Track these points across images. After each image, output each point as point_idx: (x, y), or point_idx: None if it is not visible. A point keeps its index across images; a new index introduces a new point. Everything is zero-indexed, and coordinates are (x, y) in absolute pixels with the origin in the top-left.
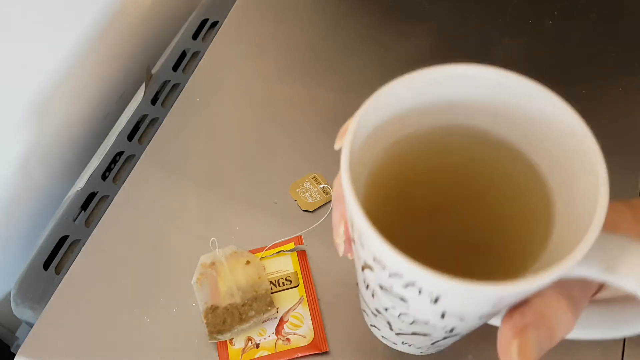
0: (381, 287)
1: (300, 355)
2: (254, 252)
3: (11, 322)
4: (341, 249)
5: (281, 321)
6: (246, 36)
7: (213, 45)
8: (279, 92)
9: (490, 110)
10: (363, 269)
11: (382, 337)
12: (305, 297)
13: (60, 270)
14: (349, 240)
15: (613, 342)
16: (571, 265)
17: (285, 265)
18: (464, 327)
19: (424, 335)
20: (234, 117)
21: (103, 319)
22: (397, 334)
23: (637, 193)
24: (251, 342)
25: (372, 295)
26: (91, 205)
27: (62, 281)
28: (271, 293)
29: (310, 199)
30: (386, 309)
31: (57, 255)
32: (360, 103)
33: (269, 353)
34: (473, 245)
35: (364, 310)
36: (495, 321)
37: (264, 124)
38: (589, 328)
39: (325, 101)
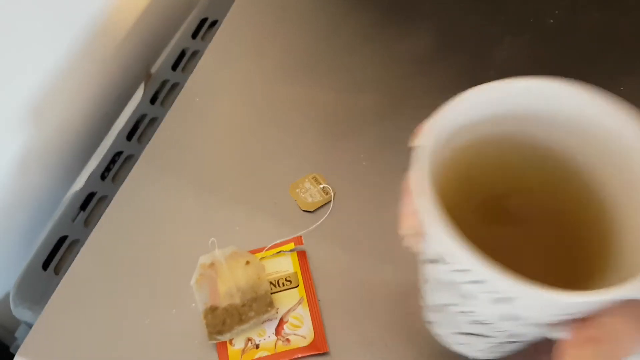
0: (445, 283)
1: (300, 355)
2: (253, 252)
3: (10, 323)
4: (405, 242)
5: (281, 322)
6: (246, 35)
7: (212, 45)
8: (279, 92)
9: (559, 122)
10: (427, 263)
11: (436, 334)
12: (305, 297)
13: (59, 271)
14: (414, 235)
15: None
16: None
17: (285, 265)
18: (528, 334)
19: (484, 336)
20: (233, 116)
21: (102, 319)
22: (452, 333)
23: None
24: (251, 343)
25: (433, 291)
26: (90, 205)
27: (61, 281)
28: (271, 293)
29: (310, 199)
30: (445, 305)
31: (56, 256)
32: (360, 103)
33: (269, 354)
34: (536, 253)
35: (423, 307)
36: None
37: (264, 123)
38: None
39: (325, 101)
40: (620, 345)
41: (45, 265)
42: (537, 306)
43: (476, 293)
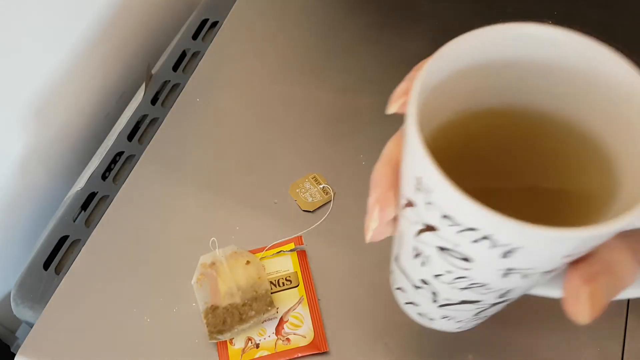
0: (442, 249)
1: (300, 355)
2: (254, 252)
3: (11, 322)
4: (370, 234)
5: (281, 321)
6: (246, 36)
7: (213, 45)
8: (279, 92)
9: (550, 72)
10: (420, 233)
11: (419, 314)
12: (305, 297)
13: (60, 271)
14: (385, 223)
15: (613, 341)
16: None
17: (285, 265)
18: (519, 289)
19: (473, 302)
20: (234, 117)
21: (103, 319)
22: (440, 306)
23: None
24: (251, 342)
25: (423, 264)
26: (91, 205)
27: (62, 281)
28: (271, 293)
29: (310, 199)
30: (438, 276)
31: (57, 255)
32: (360, 103)
33: (269, 353)
34: (536, 203)
35: (399, 288)
36: (542, 291)
37: (264, 123)
38: None
39: (325, 101)
40: (621, 275)
41: (46, 265)
42: (546, 250)
43: (481, 250)
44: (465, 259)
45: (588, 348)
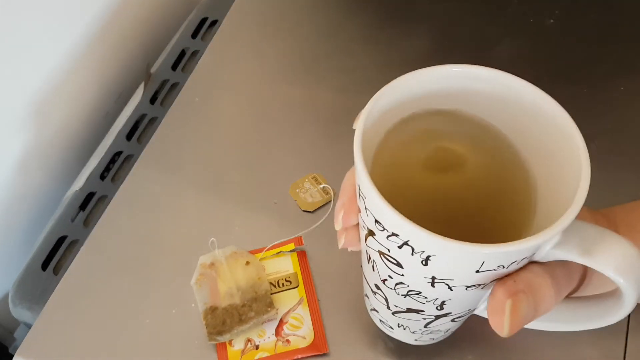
0: (381, 254)
1: (300, 356)
2: (253, 252)
3: (9, 323)
4: (341, 241)
5: (281, 322)
6: (246, 35)
7: (212, 44)
8: (279, 92)
9: (485, 101)
10: (366, 238)
11: (381, 321)
12: (305, 298)
13: (58, 271)
14: (348, 230)
15: (614, 341)
16: (551, 234)
17: (285, 265)
18: (456, 303)
19: (418, 312)
20: (233, 116)
21: (102, 320)
22: (393, 313)
23: (639, 192)
24: (251, 344)
25: (373, 269)
26: (90, 205)
27: (60, 282)
28: (271, 294)
29: (310, 199)
30: (384, 281)
31: (55, 256)
32: (360, 103)
33: (269, 354)
34: (463, 218)
35: (366, 295)
36: (484, 313)
37: (264, 123)
38: (562, 321)
39: (325, 101)
40: (541, 298)
41: (44, 265)
42: (457, 262)
43: (406, 256)
44: (399, 265)
45: (589, 348)
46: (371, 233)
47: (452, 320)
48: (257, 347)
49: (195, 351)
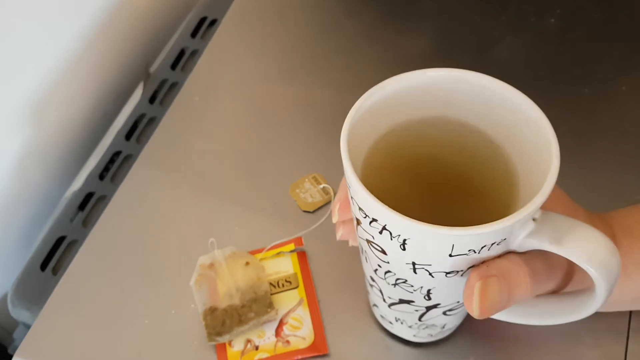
0: (368, 242)
1: (300, 357)
2: (253, 253)
3: (8, 324)
4: (339, 233)
5: (281, 323)
6: (245, 34)
7: (212, 44)
8: (279, 91)
9: (469, 104)
10: (357, 228)
11: (381, 316)
12: (305, 298)
13: (57, 271)
14: (345, 223)
15: (615, 343)
16: (513, 221)
17: (285, 266)
18: (439, 292)
19: (409, 303)
20: (232, 116)
21: (101, 320)
22: (389, 306)
23: (639, 192)
24: (250, 344)
25: (366, 259)
26: (89, 205)
27: (59, 282)
28: (271, 294)
29: (310, 200)
30: (375, 270)
31: (54, 256)
32: None
33: (269, 355)
34: (448, 210)
35: (367, 291)
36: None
37: (263, 123)
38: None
39: (325, 101)
40: (514, 283)
41: (43, 266)
42: (431, 246)
43: (386, 241)
44: (383, 251)
45: (591, 350)
46: (358, 222)
47: (444, 314)
48: (256, 348)
49: (194, 352)
